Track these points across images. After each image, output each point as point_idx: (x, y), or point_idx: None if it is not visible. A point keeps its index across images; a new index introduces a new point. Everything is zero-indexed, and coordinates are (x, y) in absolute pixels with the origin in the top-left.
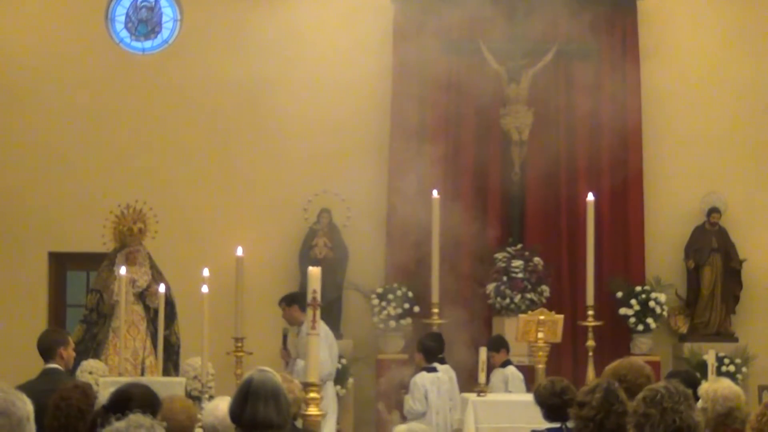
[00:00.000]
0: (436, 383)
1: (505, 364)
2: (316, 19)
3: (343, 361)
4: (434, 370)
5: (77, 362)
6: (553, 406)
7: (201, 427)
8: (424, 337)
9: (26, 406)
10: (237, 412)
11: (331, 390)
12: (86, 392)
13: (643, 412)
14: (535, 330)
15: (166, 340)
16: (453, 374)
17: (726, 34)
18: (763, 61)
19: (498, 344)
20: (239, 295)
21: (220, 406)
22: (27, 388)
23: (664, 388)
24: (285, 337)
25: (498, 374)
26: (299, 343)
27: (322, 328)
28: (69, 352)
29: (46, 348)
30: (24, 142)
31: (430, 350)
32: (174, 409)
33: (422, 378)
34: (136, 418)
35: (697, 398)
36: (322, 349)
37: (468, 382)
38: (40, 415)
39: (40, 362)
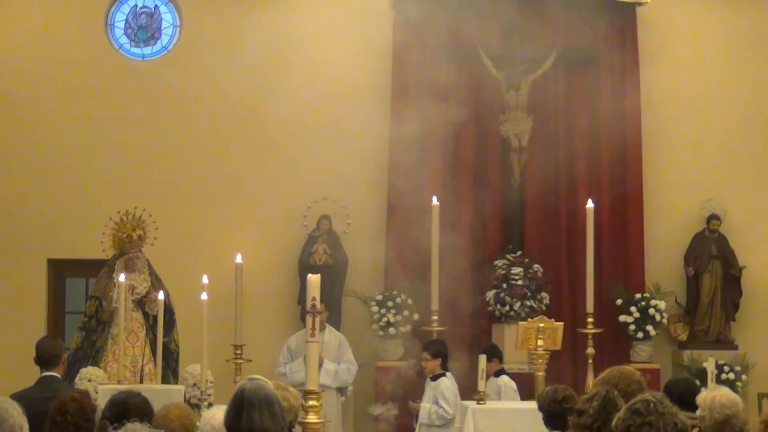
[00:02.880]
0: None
1: (499, 373)
2: (315, 25)
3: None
4: (445, 375)
5: (76, 369)
6: (551, 412)
7: None
8: (437, 343)
9: (20, 416)
10: (233, 424)
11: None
12: (83, 405)
13: (644, 422)
14: (535, 337)
15: (165, 347)
16: (454, 381)
17: (725, 41)
18: (762, 68)
19: (490, 353)
20: (238, 302)
21: (216, 416)
22: (25, 396)
23: (651, 396)
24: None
25: (491, 383)
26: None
27: (336, 334)
28: (65, 359)
29: (53, 355)
30: (23, 148)
31: (446, 356)
32: (169, 416)
33: (452, 382)
34: (132, 426)
35: (696, 406)
36: (349, 353)
37: (467, 389)
38: (40, 424)
39: (38, 369)
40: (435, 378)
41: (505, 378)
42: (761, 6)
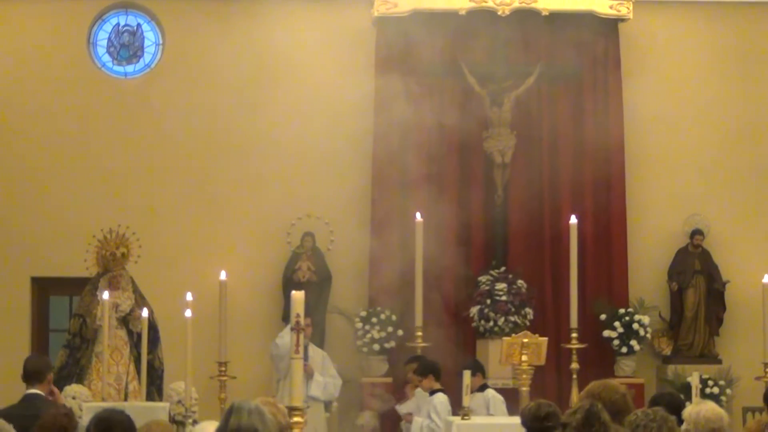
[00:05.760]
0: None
1: (482, 388)
2: (297, 42)
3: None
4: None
5: (60, 387)
6: (533, 429)
7: None
8: (427, 360)
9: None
10: (221, 428)
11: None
12: (66, 423)
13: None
14: (519, 353)
15: (150, 364)
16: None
17: (708, 57)
18: (745, 83)
19: (474, 368)
20: (223, 320)
21: (207, 430)
22: (8, 414)
23: (643, 413)
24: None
25: (478, 398)
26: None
27: (319, 351)
28: (51, 378)
29: (37, 371)
30: (6, 166)
31: (439, 372)
32: None
33: (446, 398)
34: None
35: (681, 421)
36: (332, 368)
37: (452, 404)
38: None
39: (23, 387)
40: (432, 393)
41: (491, 391)
42: (744, 21)
